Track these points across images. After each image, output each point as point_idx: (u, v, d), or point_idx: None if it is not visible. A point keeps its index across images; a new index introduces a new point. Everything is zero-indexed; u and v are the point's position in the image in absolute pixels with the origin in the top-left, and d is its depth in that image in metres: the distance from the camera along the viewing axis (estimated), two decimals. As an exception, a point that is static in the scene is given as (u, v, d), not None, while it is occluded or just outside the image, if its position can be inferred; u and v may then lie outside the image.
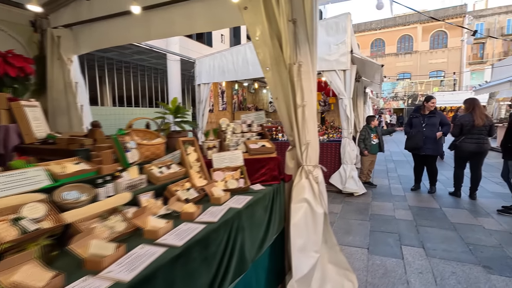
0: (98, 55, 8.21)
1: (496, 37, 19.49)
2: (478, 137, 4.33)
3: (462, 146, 4.46)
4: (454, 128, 4.60)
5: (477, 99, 4.62)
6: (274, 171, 2.13)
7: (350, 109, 4.90)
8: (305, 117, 1.92)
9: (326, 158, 5.37)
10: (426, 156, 4.92)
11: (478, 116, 4.31)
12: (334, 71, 4.86)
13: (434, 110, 4.90)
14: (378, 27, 33.88)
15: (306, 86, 1.90)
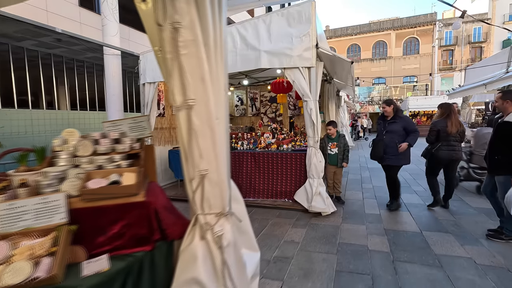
0: (43, 51, 7.02)
1: (499, 26, 19.90)
2: (454, 144, 4.13)
3: (438, 153, 4.16)
4: (430, 134, 4.25)
5: (453, 104, 4.35)
6: (140, 229, 1.24)
7: (317, 113, 4.15)
8: (192, 126, 1.07)
9: (290, 170, 4.59)
10: (388, 166, 4.31)
11: (453, 123, 4.10)
12: (297, 69, 4.11)
13: (396, 115, 4.24)
14: (354, 32, 34.24)
15: (192, 69, 1.05)
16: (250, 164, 4.76)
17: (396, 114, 4.25)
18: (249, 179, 4.77)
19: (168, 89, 1.04)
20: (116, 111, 5.15)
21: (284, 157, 4.58)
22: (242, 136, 5.47)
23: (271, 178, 4.71)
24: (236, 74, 6.49)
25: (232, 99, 8.14)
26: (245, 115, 8.03)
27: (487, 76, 7.86)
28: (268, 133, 5.34)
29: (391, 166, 4.28)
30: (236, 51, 4.39)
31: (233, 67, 4.45)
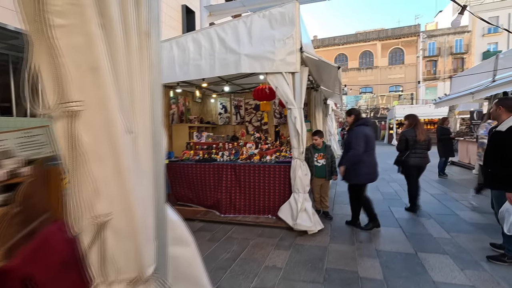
0: None
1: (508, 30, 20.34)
2: (421, 152, 4.42)
3: (408, 161, 4.44)
4: (399, 144, 4.55)
5: (416, 115, 4.63)
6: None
7: (301, 122, 3.82)
8: (79, 145, 0.68)
9: (274, 184, 4.22)
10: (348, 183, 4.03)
11: (420, 132, 4.40)
12: (280, 74, 3.80)
13: (352, 126, 3.95)
14: (341, 42, 34.73)
15: (75, 53, 0.66)
16: (230, 177, 4.37)
17: (351, 126, 3.96)
18: (229, 194, 4.37)
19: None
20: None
21: (267, 170, 4.21)
22: (223, 146, 5.08)
23: (253, 192, 4.32)
24: (219, 81, 6.14)
25: (216, 107, 7.77)
26: (229, 124, 7.66)
27: (473, 85, 7.80)
28: (251, 143, 4.97)
29: (348, 183, 3.99)
30: (215, 55, 4.05)
31: (211, 72, 4.11)
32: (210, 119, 7.78)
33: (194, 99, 7.38)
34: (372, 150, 3.77)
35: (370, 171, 3.76)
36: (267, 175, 4.22)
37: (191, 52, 4.23)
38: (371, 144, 3.75)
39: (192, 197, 4.66)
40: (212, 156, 4.70)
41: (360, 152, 3.66)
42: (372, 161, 3.78)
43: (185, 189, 4.67)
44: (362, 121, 3.89)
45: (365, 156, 3.68)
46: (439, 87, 29.96)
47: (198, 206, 4.69)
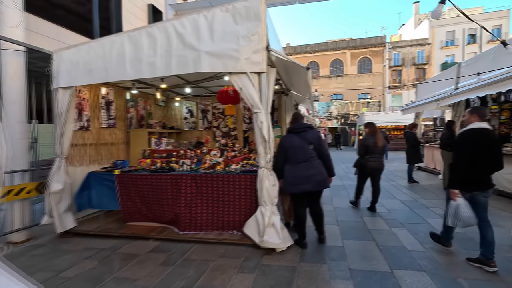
0: None
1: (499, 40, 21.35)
2: (379, 156, 4.92)
3: (367, 164, 4.93)
4: (360, 149, 5.01)
5: (375, 124, 5.11)
6: None
7: (269, 127, 3.47)
8: None
9: (239, 196, 3.81)
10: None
11: (380, 139, 4.90)
12: (245, 74, 3.43)
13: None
14: (312, 50, 35.48)
15: None
16: (190, 189, 3.88)
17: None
18: (189, 208, 3.88)
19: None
20: (17, 123, 3.98)
21: (232, 180, 3.79)
22: (184, 154, 4.59)
23: (216, 206, 3.87)
24: (183, 83, 5.66)
25: (181, 111, 7.24)
26: (195, 129, 7.15)
27: (437, 93, 8.00)
28: (215, 150, 4.53)
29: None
30: (171, 52, 3.60)
31: (166, 70, 3.64)
32: (175, 124, 7.23)
33: (157, 102, 6.81)
34: (300, 161, 3.37)
35: (295, 182, 3.37)
36: (231, 186, 3.80)
37: (145, 48, 3.73)
38: (296, 155, 3.38)
39: (146, 213, 4.09)
40: (170, 165, 4.19)
41: (279, 164, 3.44)
42: (297, 174, 3.35)
43: (138, 204, 4.08)
44: (292, 127, 3.57)
45: (290, 168, 3.39)
46: (404, 95, 31.52)
47: (153, 223, 4.14)
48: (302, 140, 3.45)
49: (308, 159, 3.42)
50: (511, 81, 4.54)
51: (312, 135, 3.51)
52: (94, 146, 4.93)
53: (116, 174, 4.06)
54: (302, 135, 3.49)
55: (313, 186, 3.38)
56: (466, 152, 2.85)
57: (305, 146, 3.43)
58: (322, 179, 3.42)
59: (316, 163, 3.45)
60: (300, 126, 3.58)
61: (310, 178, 3.36)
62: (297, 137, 3.48)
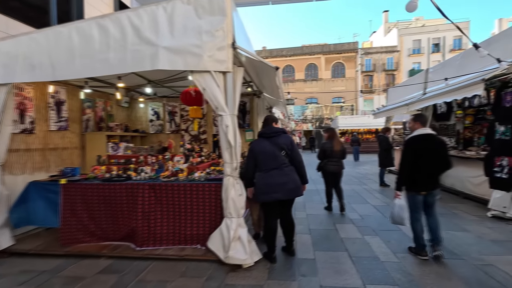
0: None
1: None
2: (337, 160, 5.10)
3: (326, 167, 5.12)
4: (319, 153, 5.27)
5: (335, 129, 5.49)
6: None
7: (235, 132, 3.18)
8: None
9: (203, 207, 3.47)
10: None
11: (336, 143, 5.11)
12: (209, 73, 3.12)
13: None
14: (288, 54, 35.84)
15: None
16: (149, 200, 3.48)
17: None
18: (147, 221, 3.47)
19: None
20: None
21: (195, 189, 3.45)
22: (145, 160, 4.18)
23: (178, 218, 3.51)
24: (144, 83, 5.22)
25: (146, 113, 6.76)
26: (162, 132, 6.70)
27: (407, 97, 8.17)
28: (179, 155, 4.16)
29: None
30: (126, 46, 3.20)
31: (121, 67, 3.24)
32: (140, 126, 6.73)
33: (119, 103, 6.28)
34: (272, 168, 3.10)
35: (266, 190, 3.10)
36: (194, 195, 3.46)
37: (96, 42, 3.30)
38: (267, 162, 3.11)
39: (94, 230, 3.57)
40: (127, 173, 3.76)
41: (249, 170, 3.18)
42: (268, 181, 3.08)
43: (85, 220, 3.56)
44: (262, 132, 3.30)
45: (261, 176, 3.12)
46: (375, 99, 32.69)
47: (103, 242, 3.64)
48: (274, 146, 3.19)
49: (280, 166, 3.17)
50: (476, 87, 4.62)
51: (284, 140, 3.27)
52: (41, 151, 4.36)
53: (61, 184, 3.55)
54: (274, 140, 3.23)
55: (285, 194, 3.13)
56: (410, 157, 3.15)
57: (277, 152, 3.18)
58: (295, 187, 3.18)
59: (288, 169, 3.21)
60: (272, 130, 3.32)
61: (282, 186, 3.11)
62: (268, 142, 3.22)
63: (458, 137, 7.42)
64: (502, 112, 4.60)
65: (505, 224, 4.29)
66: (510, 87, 4.46)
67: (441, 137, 3.45)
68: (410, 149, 3.17)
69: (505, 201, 4.45)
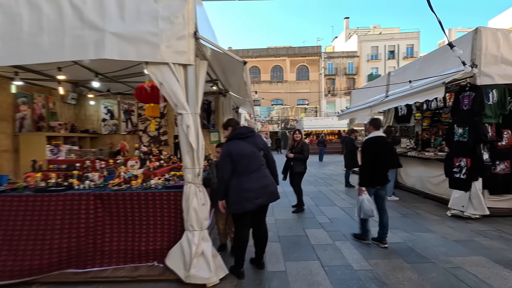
0: None
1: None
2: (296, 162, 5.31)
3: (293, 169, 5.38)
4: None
5: (298, 131, 5.58)
6: None
7: (197, 133, 2.81)
8: None
9: (161, 219, 3.04)
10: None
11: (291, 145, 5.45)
12: (167, 65, 2.72)
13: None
14: (254, 55, 35.78)
15: None
16: (95, 213, 2.95)
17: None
18: (92, 237, 2.94)
19: None
20: None
21: (151, 199, 3.00)
22: (92, 166, 3.60)
23: (131, 232, 3.02)
24: (92, 78, 4.58)
25: (98, 111, 6.03)
26: (116, 133, 6.03)
27: (370, 99, 8.37)
28: (134, 159, 3.66)
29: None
30: (64, 29, 2.67)
31: (57, 54, 2.70)
32: (90, 126, 5.98)
33: (65, 100, 5.51)
34: (252, 171, 2.80)
35: (248, 197, 2.74)
36: (151, 206, 3.01)
37: (25, 22, 2.71)
38: (248, 164, 2.79)
39: (13, 263, 2.86)
40: (69, 182, 3.17)
41: (226, 177, 2.77)
42: (250, 186, 2.75)
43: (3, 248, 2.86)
44: (238, 132, 2.92)
45: (241, 181, 2.76)
46: (337, 102, 33.98)
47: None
48: (252, 147, 2.88)
49: (259, 168, 2.88)
50: (437, 90, 4.74)
51: (260, 140, 3.01)
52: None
53: (-22, 197, 2.86)
54: (250, 140, 2.92)
55: (267, 198, 2.85)
56: (368, 156, 3.58)
57: (257, 153, 2.89)
58: (275, 189, 2.93)
59: (267, 171, 2.94)
60: (248, 130, 3.02)
61: (265, 189, 2.82)
62: (245, 143, 2.89)
63: (417, 138, 7.77)
64: (460, 115, 4.79)
65: (465, 223, 4.45)
66: (468, 91, 4.65)
67: (389, 140, 4.01)
68: (368, 150, 3.61)
69: (464, 200, 4.63)
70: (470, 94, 4.61)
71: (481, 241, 3.72)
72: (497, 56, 4.58)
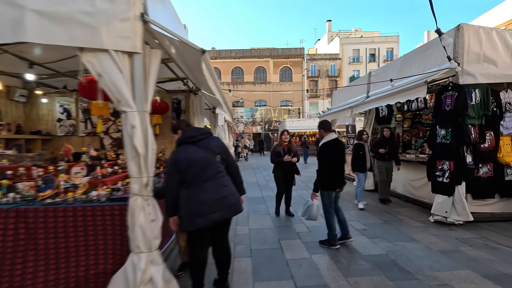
0: None
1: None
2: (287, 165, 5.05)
3: (276, 172, 5.20)
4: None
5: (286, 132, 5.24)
6: None
7: (146, 136, 2.34)
8: None
9: (103, 238, 2.54)
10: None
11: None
12: (106, 53, 2.23)
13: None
14: (237, 56, 35.43)
15: None
16: (15, 235, 2.40)
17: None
18: (9, 267, 2.38)
19: None
20: None
21: (91, 214, 2.49)
22: (27, 173, 3.04)
23: (64, 256, 2.49)
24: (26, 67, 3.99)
25: (53, 110, 5.39)
26: (74, 134, 5.40)
27: (351, 100, 8.15)
28: (80, 166, 3.12)
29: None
30: (-28, 4, 2.13)
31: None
32: (44, 127, 5.33)
33: (11, 97, 4.84)
34: (206, 180, 2.35)
35: (200, 211, 2.29)
36: (90, 223, 2.49)
37: None
38: (201, 173, 2.34)
39: None
40: (-10, 194, 2.60)
41: (172, 189, 2.34)
42: (203, 198, 2.31)
43: None
44: (188, 136, 2.45)
45: (191, 192, 2.33)
46: (320, 103, 34.12)
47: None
48: (206, 151, 2.44)
49: (215, 176, 2.42)
50: (419, 89, 4.50)
51: (216, 143, 2.57)
52: None
53: None
54: (203, 144, 2.48)
55: (226, 212, 2.39)
56: (328, 161, 3.53)
57: (212, 159, 2.44)
58: (235, 201, 2.47)
59: (226, 180, 2.48)
60: (200, 132, 2.56)
61: (222, 201, 2.37)
62: (197, 147, 2.44)
63: (398, 140, 7.59)
64: (442, 115, 4.56)
65: (448, 230, 4.21)
66: (450, 91, 4.43)
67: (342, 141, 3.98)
68: (326, 154, 3.56)
69: (447, 205, 4.39)
70: (452, 93, 4.39)
71: (467, 251, 3.46)
72: (480, 54, 4.39)
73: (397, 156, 5.81)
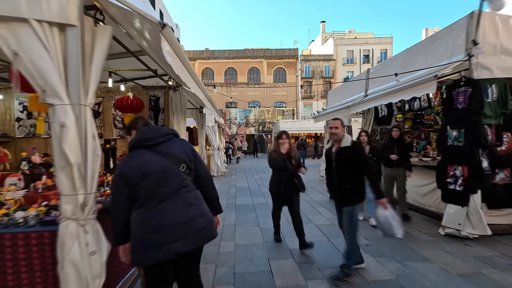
0: None
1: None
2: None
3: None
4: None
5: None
6: None
7: (82, 138, 1.72)
8: None
9: (29, 276, 1.89)
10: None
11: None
12: (25, 23, 1.62)
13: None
14: (231, 56, 34.88)
15: None
16: None
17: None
18: None
19: None
20: None
21: (10, 244, 1.86)
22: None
23: (-25, 299, 1.86)
24: None
25: (11, 109, 4.71)
26: (36, 136, 4.73)
27: (349, 99, 7.63)
28: (16, 175, 2.48)
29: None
30: None
31: None
32: (0, 128, 4.64)
33: (-41, 93, 4.15)
34: (165, 198, 1.71)
35: (156, 241, 1.65)
36: (8, 256, 1.86)
37: None
38: (157, 189, 1.71)
39: None
40: None
41: (120, 207, 1.71)
42: (160, 222, 1.67)
43: None
44: (141, 138, 1.80)
45: (144, 215, 1.69)
46: (314, 104, 33.71)
47: None
48: (166, 159, 1.80)
49: (178, 192, 1.77)
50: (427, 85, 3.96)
51: (180, 147, 1.89)
52: None
53: None
54: (163, 148, 1.82)
55: (192, 240, 1.72)
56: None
57: (174, 169, 1.79)
58: (207, 225, 1.80)
59: (193, 196, 1.81)
60: (159, 133, 1.89)
61: (187, 226, 1.71)
62: (154, 153, 1.80)
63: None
64: (454, 114, 4.03)
65: (463, 246, 3.66)
66: (463, 86, 3.90)
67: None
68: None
69: (460, 217, 3.85)
70: (466, 89, 3.86)
71: (491, 275, 2.91)
72: (496, 45, 3.88)
73: (408, 161, 4.82)
